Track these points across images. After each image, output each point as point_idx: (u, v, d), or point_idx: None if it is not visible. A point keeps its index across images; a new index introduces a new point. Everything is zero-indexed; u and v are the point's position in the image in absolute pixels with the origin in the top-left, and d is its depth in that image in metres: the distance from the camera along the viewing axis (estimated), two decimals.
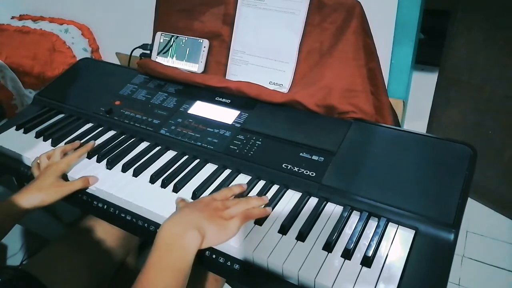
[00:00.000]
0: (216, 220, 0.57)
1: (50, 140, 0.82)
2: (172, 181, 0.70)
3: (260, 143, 0.73)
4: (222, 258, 0.59)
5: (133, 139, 0.81)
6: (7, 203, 0.67)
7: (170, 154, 0.77)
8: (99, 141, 0.82)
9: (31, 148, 0.81)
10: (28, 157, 0.79)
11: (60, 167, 0.72)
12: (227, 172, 0.72)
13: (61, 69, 1.42)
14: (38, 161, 0.75)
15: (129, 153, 0.78)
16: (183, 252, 0.52)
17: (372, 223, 0.59)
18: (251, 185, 0.68)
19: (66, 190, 0.70)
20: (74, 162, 0.75)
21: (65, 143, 0.81)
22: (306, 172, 0.66)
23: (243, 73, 0.85)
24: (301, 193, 0.66)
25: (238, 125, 0.77)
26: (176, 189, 0.68)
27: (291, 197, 0.65)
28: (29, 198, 0.68)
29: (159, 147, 0.79)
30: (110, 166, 0.75)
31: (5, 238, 0.67)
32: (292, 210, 0.62)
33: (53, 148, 0.79)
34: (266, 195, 0.66)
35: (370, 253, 0.54)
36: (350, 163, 0.67)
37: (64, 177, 0.74)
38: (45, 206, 0.69)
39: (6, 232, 0.68)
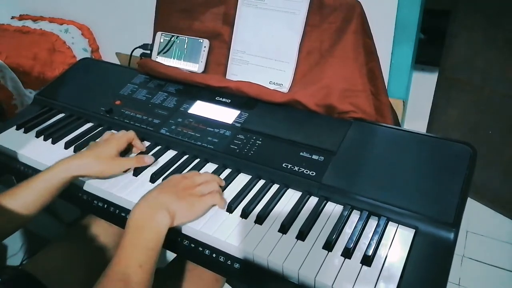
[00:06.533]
0: (186, 198, 0.59)
1: (50, 140, 0.82)
2: None
3: (260, 142, 0.73)
4: (222, 257, 0.59)
5: None
6: (61, 165, 0.65)
7: (170, 154, 0.77)
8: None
9: (32, 148, 0.81)
10: (28, 157, 0.79)
11: (122, 141, 0.71)
12: (227, 171, 0.72)
13: (61, 69, 1.42)
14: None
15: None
16: (154, 233, 0.54)
17: (372, 222, 0.59)
18: (250, 185, 0.68)
19: (124, 165, 0.70)
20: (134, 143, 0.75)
21: (65, 143, 0.80)
22: (306, 171, 0.66)
23: (243, 72, 0.85)
24: (301, 193, 0.66)
25: (238, 125, 0.77)
26: None
27: (291, 197, 0.65)
28: (87, 164, 0.66)
29: (159, 146, 0.79)
30: None
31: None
32: (292, 210, 0.62)
33: (54, 146, 0.79)
34: (266, 194, 0.66)
35: (370, 252, 0.54)
36: (350, 163, 0.67)
37: None
38: (101, 177, 0.68)
39: (57, 192, 0.65)
